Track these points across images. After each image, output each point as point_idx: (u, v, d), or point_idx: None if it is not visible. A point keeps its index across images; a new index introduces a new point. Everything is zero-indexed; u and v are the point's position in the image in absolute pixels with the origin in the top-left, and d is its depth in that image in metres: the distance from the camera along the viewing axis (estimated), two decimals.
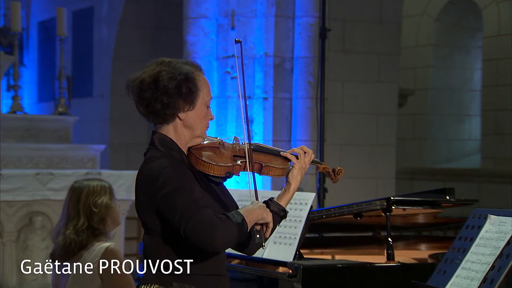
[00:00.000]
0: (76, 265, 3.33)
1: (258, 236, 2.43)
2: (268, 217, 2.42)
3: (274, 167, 2.57)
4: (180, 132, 2.47)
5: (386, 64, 7.22)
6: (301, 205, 3.48)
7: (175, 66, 2.44)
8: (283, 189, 2.61)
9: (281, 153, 2.62)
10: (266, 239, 2.44)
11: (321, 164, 2.77)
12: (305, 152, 2.61)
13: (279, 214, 2.56)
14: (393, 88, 7.34)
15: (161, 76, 2.41)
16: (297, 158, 2.59)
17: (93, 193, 3.38)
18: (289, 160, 2.61)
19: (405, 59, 9.06)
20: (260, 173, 2.57)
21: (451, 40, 10.05)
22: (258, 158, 2.56)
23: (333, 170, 2.73)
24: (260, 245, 2.47)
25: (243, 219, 2.33)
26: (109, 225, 3.41)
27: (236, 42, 2.54)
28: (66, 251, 3.33)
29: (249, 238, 2.51)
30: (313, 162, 2.68)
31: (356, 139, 7.09)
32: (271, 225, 2.43)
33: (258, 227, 2.42)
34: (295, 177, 2.59)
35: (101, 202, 3.37)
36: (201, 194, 2.40)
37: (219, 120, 6.69)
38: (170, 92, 2.41)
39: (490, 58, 9.35)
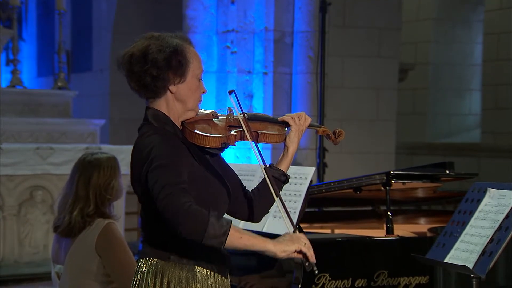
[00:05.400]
0: (75, 241, 3.34)
1: (307, 264, 2.28)
2: (295, 246, 2.27)
3: (270, 133, 2.57)
4: (172, 105, 2.47)
5: (386, 39, 7.19)
6: (300, 179, 3.48)
7: (164, 39, 2.44)
8: (282, 153, 2.62)
9: (278, 118, 2.62)
10: (311, 263, 2.29)
11: (320, 127, 2.76)
12: (299, 116, 2.61)
13: (280, 178, 2.58)
14: (394, 62, 7.32)
15: (150, 49, 2.41)
16: (294, 122, 2.60)
17: (104, 175, 3.36)
18: (285, 126, 2.61)
19: (406, 33, 9.02)
20: (257, 141, 2.56)
21: (452, 14, 10.00)
22: (253, 126, 2.55)
23: (334, 132, 2.73)
24: (314, 271, 2.33)
25: (227, 230, 2.22)
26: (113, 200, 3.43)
27: (230, 92, 2.49)
28: (70, 231, 3.34)
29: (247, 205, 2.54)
30: (311, 126, 2.68)
31: (356, 114, 7.08)
32: (305, 250, 2.28)
33: (300, 255, 2.29)
34: (293, 139, 2.60)
35: (112, 186, 3.36)
36: (189, 176, 2.36)
37: (219, 95, 6.68)
38: (159, 64, 2.41)
39: (491, 32, 9.30)
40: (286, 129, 2.62)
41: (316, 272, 2.29)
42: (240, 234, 2.26)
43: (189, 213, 2.22)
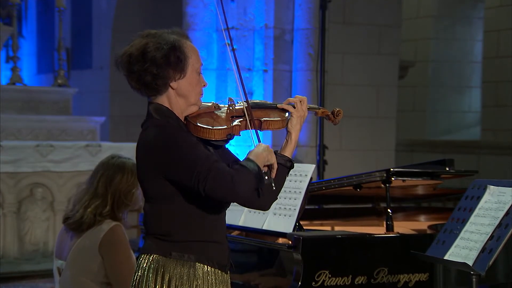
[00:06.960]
0: (81, 237, 3.35)
1: (266, 177, 2.44)
2: (273, 158, 2.46)
3: (273, 120, 2.57)
4: (174, 101, 2.47)
5: (386, 36, 7.19)
6: (300, 176, 3.48)
7: (161, 36, 2.44)
8: (285, 140, 2.62)
9: (278, 105, 2.63)
10: (273, 180, 2.46)
11: (319, 108, 2.76)
12: (300, 100, 2.61)
13: (286, 165, 2.57)
14: (394, 60, 7.32)
15: (148, 48, 2.42)
16: (294, 107, 2.60)
17: (127, 181, 3.35)
18: (286, 111, 2.61)
19: (406, 30, 9.02)
20: (260, 129, 2.57)
21: (452, 11, 9.99)
22: (255, 114, 2.55)
23: (332, 112, 2.74)
24: (271, 187, 2.47)
25: (257, 165, 2.38)
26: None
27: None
28: (79, 225, 3.34)
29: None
30: (310, 108, 2.68)
31: (356, 112, 7.08)
32: (275, 166, 2.46)
33: (265, 169, 2.45)
34: (295, 126, 2.60)
35: (132, 194, 3.36)
36: (207, 150, 2.42)
37: (219, 93, 6.68)
38: (158, 62, 2.41)
39: (491, 29, 9.30)
40: (287, 114, 2.62)
41: (274, 188, 2.45)
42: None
43: (240, 174, 2.33)
